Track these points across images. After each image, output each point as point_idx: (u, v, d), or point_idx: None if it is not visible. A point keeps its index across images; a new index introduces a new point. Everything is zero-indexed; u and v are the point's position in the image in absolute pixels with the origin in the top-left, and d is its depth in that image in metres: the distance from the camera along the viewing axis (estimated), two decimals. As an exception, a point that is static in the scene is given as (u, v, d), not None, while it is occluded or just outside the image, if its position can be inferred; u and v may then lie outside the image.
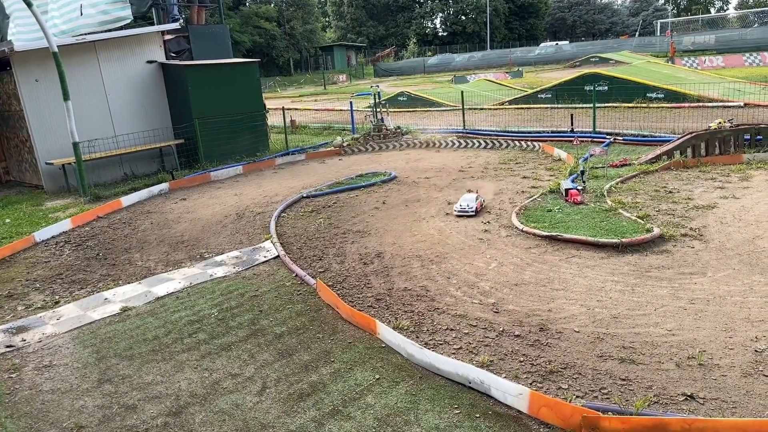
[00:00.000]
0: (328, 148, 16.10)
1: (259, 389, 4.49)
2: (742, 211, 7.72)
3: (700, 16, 66.29)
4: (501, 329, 5.12)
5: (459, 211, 8.59)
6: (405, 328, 5.26)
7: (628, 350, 4.60)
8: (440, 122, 19.09)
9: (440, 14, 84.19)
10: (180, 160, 14.42)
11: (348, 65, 74.10)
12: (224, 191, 11.91)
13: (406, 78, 54.48)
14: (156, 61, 14.46)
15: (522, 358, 4.63)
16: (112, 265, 7.80)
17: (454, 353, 4.78)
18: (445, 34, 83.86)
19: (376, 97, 17.04)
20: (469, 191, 9.02)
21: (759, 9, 65.54)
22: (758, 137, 10.81)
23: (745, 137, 10.84)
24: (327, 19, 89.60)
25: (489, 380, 4.17)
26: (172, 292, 6.62)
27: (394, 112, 21.26)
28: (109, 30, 14.32)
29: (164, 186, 12.34)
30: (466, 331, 5.14)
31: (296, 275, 6.79)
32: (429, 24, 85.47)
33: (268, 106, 17.12)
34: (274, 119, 18.85)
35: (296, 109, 27.17)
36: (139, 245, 8.62)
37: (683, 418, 3.55)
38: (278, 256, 7.48)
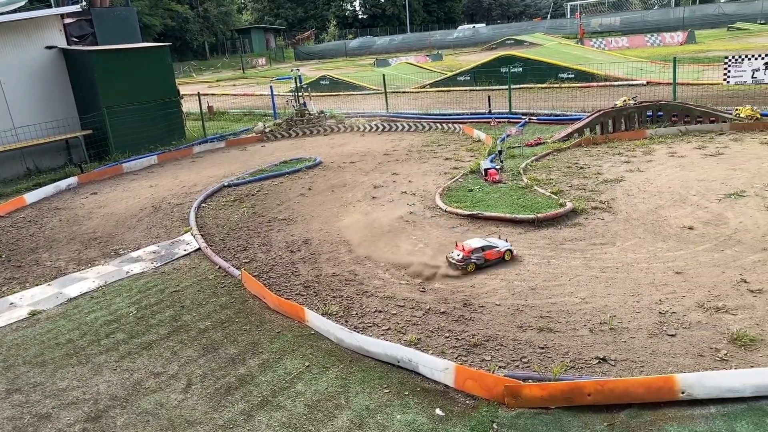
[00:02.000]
0: (250, 135, 15.69)
1: (183, 386, 4.35)
2: (646, 183, 8.26)
3: (606, -2, 69.66)
4: (427, 307, 5.23)
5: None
6: (334, 313, 5.26)
7: (545, 320, 4.84)
8: (364, 106, 19.05)
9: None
10: (89, 152, 13.58)
11: (267, 48, 72.19)
12: (138, 183, 11.35)
13: (328, 61, 53.87)
14: (56, 47, 13.46)
15: (448, 334, 4.76)
16: (18, 267, 7.26)
17: (383, 334, 4.84)
18: (365, 16, 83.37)
19: (298, 81, 16.75)
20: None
21: (658, -8, 69.81)
22: (659, 113, 11.57)
23: (647, 114, 11.58)
24: (243, 0, 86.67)
25: (417, 358, 4.26)
26: (86, 292, 6.27)
27: (317, 96, 21.00)
28: (1, 13, 13.16)
29: (72, 180, 11.61)
30: (395, 312, 5.21)
31: (219, 267, 6.61)
32: (348, 6, 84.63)
33: (182, 92, 16.43)
34: (189, 105, 18.11)
35: (213, 94, 26.20)
36: (47, 244, 8.07)
37: (596, 380, 3.79)
38: (199, 249, 7.24)
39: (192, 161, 13.22)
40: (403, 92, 21.48)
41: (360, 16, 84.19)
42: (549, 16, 72.54)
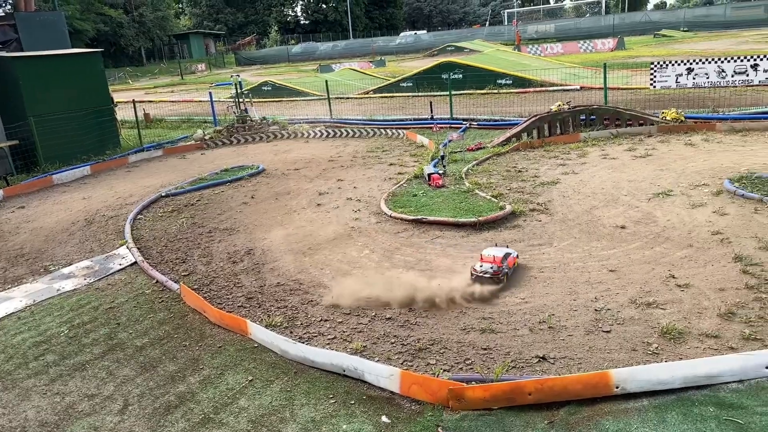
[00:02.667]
0: (189, 142, 15.28)
1: (120, 408, 4.16)
2: (580, 185, 8.57)
3: (542, 6, 72.31)
4: (373, 314, 5.23)
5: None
6: (278, 324, 5.17)
7: (487, 321, 4.93)
8: (307, 112, 18.93)
9: (301, 2, 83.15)
10: (15, 163, 12.85)
11: (207, 54, 70.68)
12: (70, 195, 10.84)
13: (270, 67, 53.26)
14: (-24, 53, 12.71)
15: (393, 340, 4.77)
16: (-66, 289, 6.77)
17: (328, 343, 4.80)
18: (307, 22, 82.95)
19: (238, 87, 16.44)
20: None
21: (590, 0, 73.05)
22: (592, 117, 12.06)
23: (581, 118, 12.04)
24: (180, 5, 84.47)
25: (362, 366, 4.24)
26: (12, 313, 5.91)
27: (259, 102, 20.69)
28: None
29: (-3, 194, 10.96)
30: (340, 320, 5.18)
31: (157, 281, 6.37)
32: (290, 12, 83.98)
33: (117, 100, 15.83)
34: (124, 113, 17.46)
35: (150, 101, 25.37)
36: (-32, 263, 7.58)
37: (537, 379, 3.88)
38: (136, 263, 6.96)
39: (128, 171, 12.74)
40: (347, 98, 21.49)
41: (302, 22, 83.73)
42: (487, 23, 74.46)
